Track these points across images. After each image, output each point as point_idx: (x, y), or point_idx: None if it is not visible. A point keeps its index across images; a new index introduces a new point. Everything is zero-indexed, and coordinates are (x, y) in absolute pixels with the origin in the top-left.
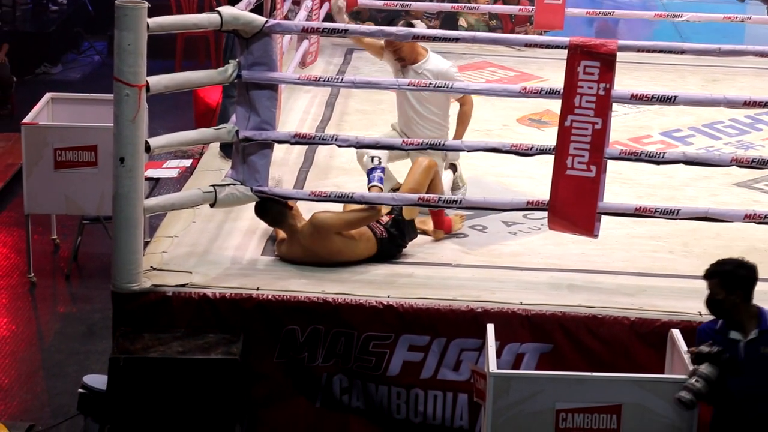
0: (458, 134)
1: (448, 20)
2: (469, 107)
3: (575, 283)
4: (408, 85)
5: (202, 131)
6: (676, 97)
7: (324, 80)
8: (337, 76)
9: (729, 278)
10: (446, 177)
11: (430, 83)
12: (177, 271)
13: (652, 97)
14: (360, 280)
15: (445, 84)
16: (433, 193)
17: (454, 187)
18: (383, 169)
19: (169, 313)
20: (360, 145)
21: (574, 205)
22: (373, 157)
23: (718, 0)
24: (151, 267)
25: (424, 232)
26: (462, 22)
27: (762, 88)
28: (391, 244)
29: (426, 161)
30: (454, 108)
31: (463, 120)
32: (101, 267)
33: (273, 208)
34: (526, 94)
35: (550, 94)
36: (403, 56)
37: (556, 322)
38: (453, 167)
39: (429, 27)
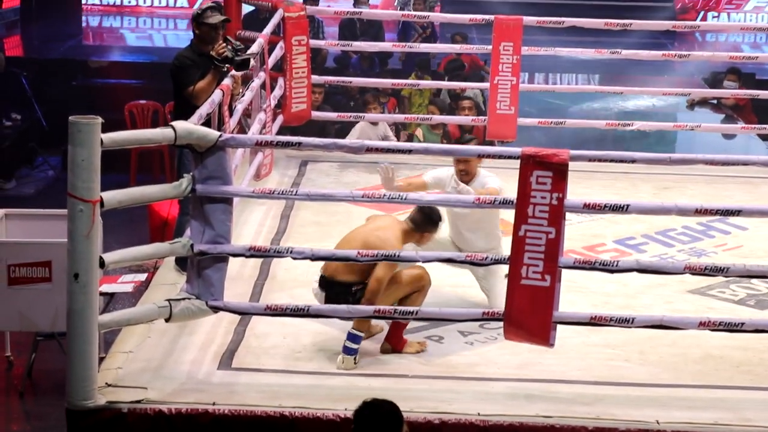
0: None
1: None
2: None
3: (532, 392)
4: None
5: (156, 246)
6: (628, 205)
7: (278, 193)
8: (291, 189)
9: None
10: None
11: (384, 195)
12: (132, 387)
13: (605, 206)
14: (317, 393)
15: (399, 196)
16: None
17: None
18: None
19: (125, 430)
20: (315, 258)
21: (530, 315)
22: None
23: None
24: (106, 383)
25: (369, 331)
26: (418, 134)
27: (713, 195)
28: None
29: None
30: None
31: None
32: (56, 384)
33: (435, 219)
34: (480, 204)
35: (504, 204)
36: (469, 171)
37: None
38: None
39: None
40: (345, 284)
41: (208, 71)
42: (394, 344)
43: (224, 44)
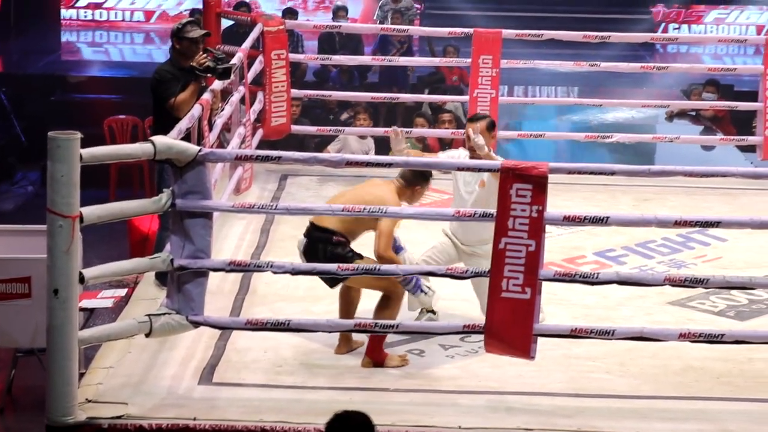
0: None
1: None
2: None
3: (513, 405)
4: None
5: (136, 261)
6: (608, 218)
7: (258, 207)
8: (271, 203)
9: None
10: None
11: (363, 208)
12: (112, 403)
13: (585, 218)
14: (298, 407)
15: (380, 209)
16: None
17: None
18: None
19: None
20: (295, 272)
21: (510, 328)
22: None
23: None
24: (87, 399)
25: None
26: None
27: (692, 206)
28: None
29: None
30: None
31: None
32: (36, 400)
33: (426, 174)
34: (459, 217)
35: (484, 217)
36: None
37: None
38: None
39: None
40: (328, 231)
41: (188, 85)
42: (375, 358)
43: (205, 54)
